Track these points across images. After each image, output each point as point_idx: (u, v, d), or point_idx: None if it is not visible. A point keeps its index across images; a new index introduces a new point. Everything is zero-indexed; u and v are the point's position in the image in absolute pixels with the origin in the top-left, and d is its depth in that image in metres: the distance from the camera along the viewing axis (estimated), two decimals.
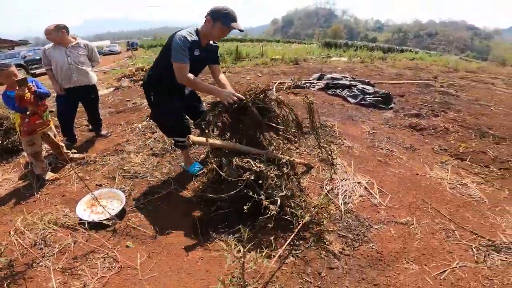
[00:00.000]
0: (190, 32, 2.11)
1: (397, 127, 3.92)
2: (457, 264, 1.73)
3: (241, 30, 2.17)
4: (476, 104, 5.14)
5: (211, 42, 2.29)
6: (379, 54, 13.84)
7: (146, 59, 13.75)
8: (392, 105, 4.88)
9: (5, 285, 1.63)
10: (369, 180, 2.56)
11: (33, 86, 2.50)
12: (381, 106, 4.80)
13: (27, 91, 2.43)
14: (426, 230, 2.01)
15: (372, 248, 1.85)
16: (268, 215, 1.75)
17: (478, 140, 3.53)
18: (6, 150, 3.28)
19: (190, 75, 2.11)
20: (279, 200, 1.82)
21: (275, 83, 2.21)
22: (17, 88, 2.40)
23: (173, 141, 2.65)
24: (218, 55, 2.43)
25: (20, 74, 2.61)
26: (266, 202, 1.78)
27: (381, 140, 3.42)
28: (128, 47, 34.34)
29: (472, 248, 1.85)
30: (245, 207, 1.72)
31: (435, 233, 1.99)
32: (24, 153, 3.16)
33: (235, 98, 2.02)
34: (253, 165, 1.91)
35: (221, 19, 2.06)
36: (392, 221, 2.08)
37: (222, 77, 2.40)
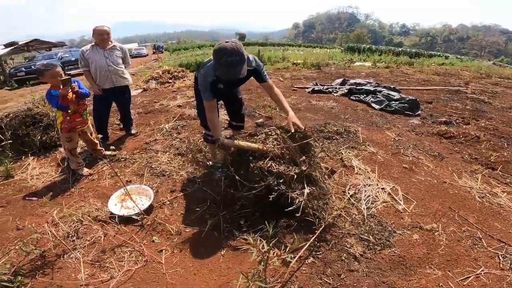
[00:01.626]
0: (209, 70, 2.07)
1: (425, 135, 3.81)
2: (482, 270, 1.70)
3: (224, 84, 2.13)
4: (510, 112, 4.88)
5: None
6: (405, 59, 13.42)
7: (171, 62, 14.23)
8: (419, 112, 4.73)
9: (36, 275, 1.74)
10: (394, 187, 2.52)
11: (76, 86, 2.67)
12: (408, 112, 4.66)
13: (69, 90, 2.60)
14: (452, 237, 1.97)
15: (394, 253, 1.83)
16: (291, 214, 1.77)
17: (510, 149, 3.35)
18: (44, 145, 3.51)
19: (211, 116, 2.17)
20: (305, 191, 1.83)
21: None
22: (61, 87, 2.57)
23: (203, 133, 2.72)
24: (261, 74, 2.28)
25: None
26: (294, 194, 1.81)
27: (407, 147, 3.34)
28: (154, 50, 35.62)
29: (498, 256, 1.81)
30: (270, 197, 1.77)
31: (461, 240, 1.95)
32: (61, 149, 3.38)
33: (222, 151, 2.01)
34: (274, 167, 1.95)
35: (215, 65, 1.94)
36: (417, 227, 2.05)
37: (275, 93, 2.35)
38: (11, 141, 3.24)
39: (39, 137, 3.47)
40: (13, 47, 16.11)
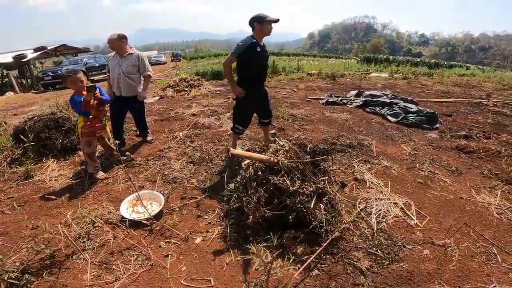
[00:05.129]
0: (251, 36, 2.89)
1: (442, 149, 3.69)
2: (494, 286, 1.65)
3: (277, 20, 2.85)
4: None
5: (263, 43, 3.00)
6: (424, 69, 13.10)
7: (188, 70, 14.57)
8: (438, 125, 4.60)
9: (44, 274, 1.79)
10: (407, 202, 2.45)
11: (98, 93, 2.77)
12: (425, 126, 4.54)
13: (92, 97, 2.70)
14: (465, 253, 1.91)
15: (403, 267, 1.79)
16: (298, 225, 1.76)
17: None
18: (65, 148, 3.66)
19: (229, 65, 2.90)
20: (322, 207, 1.81)
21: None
22: (86, 93, 2.68)
23: (233, 125, 3.27)
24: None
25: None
26: (310, 215, 1.81)
27: (423, 161, 3.25)
28: (172, 58, 36.60)
29: None
30: (290, 218, 1.79)
31: (475, 256, 1.88)
32: (80, 152, 3.51)
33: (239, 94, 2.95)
34: (289, 185, 1.95)
35: (263, 20, 2.80)
36: (428, 242, 2.00)
37: None
38: (33, 143, 3.40)
39: (60, 140, 3.62)
40: (42, 51, 17.05)
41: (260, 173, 2.04)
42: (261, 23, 2.81)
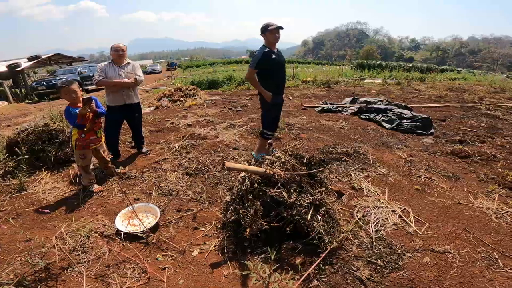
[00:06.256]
0: (263, 46, 3.12)
1: (438, 154, 3.71)
2: None
3: (280, 27, 3.03)
4: None
5: (276, 49, 3.20)
6: (416, 74, 13.27)
7: (183, 79, 14.58)
8: (432, 130, 4.64)
9: (39, 287, 1.75)
10: (405, 209, 2.45)
11: (94, 105, 2.73)
12: (420, 131, 4.58)
13: (88, 110, 2.66)
14: (466, 259, 1.89)
15: (403, 276, 1.77)
16: (296, 236, 1.74)
17: None
18: (58, 161, 3.61)
19: (252, 76, 3.10)
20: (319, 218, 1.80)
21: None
22: (82, 106, 2.64)
23: (262, 131, 3.43)
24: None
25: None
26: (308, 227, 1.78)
27: (419, 168, 3.26)
28: (168, 67, 36.77)
29: None
30: (288, 229, 1.77)
31: (476, 261, 1.87)
32: (74, 165, 3.46)
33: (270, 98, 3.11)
34: (286, 197, 1.94)
35: (265, 29, 3.05)
36: (428, 250, 1.98)
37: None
38: (27, 156, 3.35)
39: (54, 153, 3.56)
40: (36, 60, 16.91)
41: (256, 185, 2.02)
42: (264, 33, 3.07)
